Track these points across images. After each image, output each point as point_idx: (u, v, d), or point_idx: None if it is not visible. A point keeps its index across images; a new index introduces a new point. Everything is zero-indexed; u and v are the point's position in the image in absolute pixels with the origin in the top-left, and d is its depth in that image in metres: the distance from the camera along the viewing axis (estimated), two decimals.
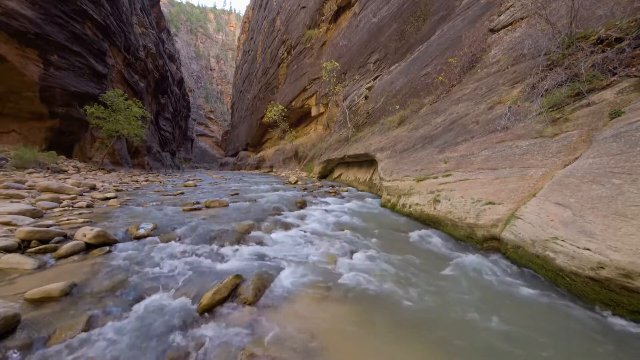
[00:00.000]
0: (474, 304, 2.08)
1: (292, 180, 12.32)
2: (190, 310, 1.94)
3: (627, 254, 1.83)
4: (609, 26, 4.39)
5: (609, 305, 1.91)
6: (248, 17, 58.15)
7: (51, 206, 4.74)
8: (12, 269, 2.41)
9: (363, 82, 17.21)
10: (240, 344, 1.62)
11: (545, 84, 4.57)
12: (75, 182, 7.51)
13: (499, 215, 3.11)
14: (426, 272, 2.62)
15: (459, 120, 6.33)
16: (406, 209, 4.91)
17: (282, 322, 1.84)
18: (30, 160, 11.40)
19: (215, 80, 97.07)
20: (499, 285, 2.38)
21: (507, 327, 1.80)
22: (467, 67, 8.25)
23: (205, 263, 2.74)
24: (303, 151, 23.07)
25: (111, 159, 19.06)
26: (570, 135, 3.50)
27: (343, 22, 22.66)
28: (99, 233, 3.05)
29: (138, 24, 26.57)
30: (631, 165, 2.37)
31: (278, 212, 5.14)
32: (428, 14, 13.16)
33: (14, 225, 3.34)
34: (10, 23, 12.34)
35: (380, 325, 1.84)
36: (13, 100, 14.05)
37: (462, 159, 4.87)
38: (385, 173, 6.96)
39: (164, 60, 33.23)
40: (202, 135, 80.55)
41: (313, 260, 2.87)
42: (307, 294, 2.23)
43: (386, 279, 2.45)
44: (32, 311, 1.82)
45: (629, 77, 3.61)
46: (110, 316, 1.84)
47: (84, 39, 15.94)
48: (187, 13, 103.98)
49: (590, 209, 2.29)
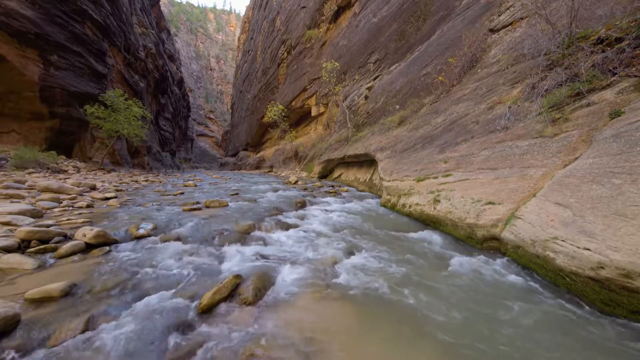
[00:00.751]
0: (473, 304, 2.08)
1: (292, 180, 12.31)
2: (190, 310, 1.94)
3: (627, 254, 1.83)
4: (609, 26, 4.38)
5: (608, 305, 1.91)
6: (248, 17, 58.15)
7: (51, 206, 4.74)
8: (12, 269, 2.41)
9: (363, 82, 17.21)
10: (240, 344, 1.62)
11: (545, 84, 4.57)
12: (75, 182, 7.51)
13: (499, 215, 3.11)
14: (426, 272, 2.62)
15: (459, 120, 6.33)
16: (406, 209, 4.91)
17: (282, 322, 1.84)
18: (30, 160, 11.39)
19: (215, 80, 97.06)
20: (499, 285, 2.37)
21: (507, 327, 1.80)
22: (467, 67, 8.25)
23: (206, 263, 2.74)
24: (303, 151, 23.07)
25: (111, 159, 19.05)
26: (570, 135, 3.50)
27: (343, 22, 22.66)
28: (99, 233, 3.05)
29: (138, 24, 26.56)
30: (631, 165, 2.37)
31: (278, 212, 5.14)
32: (428, 14, 13.16)
33: (14, 225, 3.34)
34: (10, 23, 12.33)
35: (380, 325, 1.84)
36: (13, 100, 14.04)
37: (462, 159, 4.87)
38: (385, 173, 6.96)
39: (164, 60, 33.23)
40: (202, 135, 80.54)
41: (313, 260, 2.87)
42: (307, 294, 2.23)
43: (386, 279, 2.45)
44: (32, 311, 1.82)
45: (629, 77, 3.61)
46: (110, 316, 1.84)
47: (84, 39, 15.93)
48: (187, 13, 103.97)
49: (590, 209, 2.29)
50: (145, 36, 27.58)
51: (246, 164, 39.80)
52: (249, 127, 42.25)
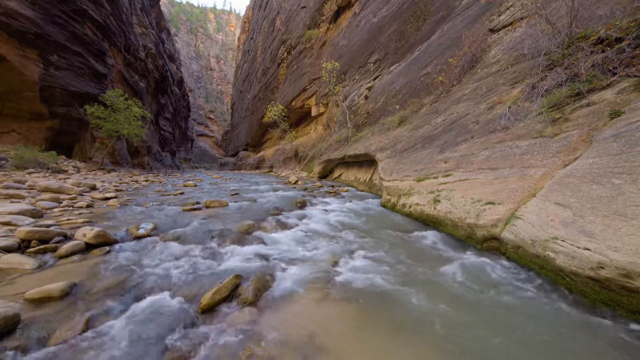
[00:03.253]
0: (473, 304, 2.08)
1: (292, 180, 12.31)
2: (190, 310, 1.94)
3: (627, 254, 1.83)
4: (609, 26, 4.38)
5: (609, 305, 1.91)
6: (248, 17, 58.14)
7: (51, 206, 4.74)
8: (12, 269, 2.41)
9: (363, 82, 17.21)
10: (240, 344, 1.62)
11: (545, 84, 4.57)
12: (75, 182, 7.51)
13: (499, 215, 3.11)
14: (426, 272, 2.62)
15: (459, 120, 6.33)
16: (406, 209, 4.91)
17: (282, 322, 1.84)
18: (30, 160, 11.40)
19: (215, 80, 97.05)
20: (498, 285, 2.37)
21: (507, 327, 1.80)
22: (467, 67, 8.24)
23: (205, 263, 2.74)
24: (303, 151, 23.07)
25: (111, 159, 19.05)
26: (570, 135, 3.50)
27: (343, 22, 22.65)
28: (99, 233, 3.05)
29: (138, 24, 26.56)
30: (631, 165, 2.37)
31: (278, 212, 5.14)
32: (428, 14, 13.16)
33: (14, 225, 3.34)
34: (10, 23, 12.33)
35: (380, 325, 1.84)
36: (13, 100, 14.04)
37: (462, 159, 4.87)
38: (385, 173, 6.96)
39: (164, 60, 33.22)
40: (202, 135, 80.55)
41: (313, 260, 2.86)
42: (307, 294, 2.23)
43: (386, 279, 2.45)
44: (32, 311, 1.82)
45: (629, 77, 3.61)
46: (110, 316, 1.84)
47: (84, 39, 15.93)
48: (187, 13, 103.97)
49: (590, 209, 2.29)
50: (145, 36, 27.57)
51: (246, 164, 39.80)
52: (249, 127, 42.25)
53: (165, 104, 35.83)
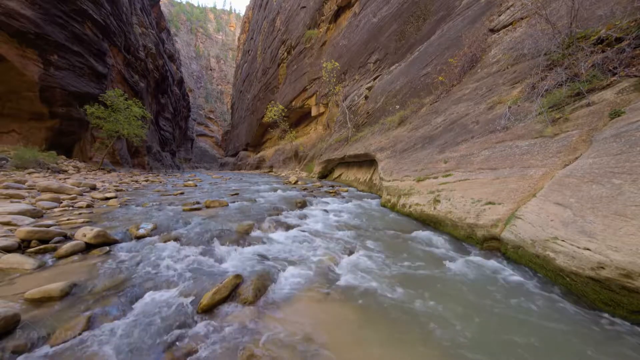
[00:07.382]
0: (473, 304, 2.08)
1: (292, 180, 12.31)
2: (190, 310, 1.93)
3: (627, 254, 1.83)
4: (609, 26, 4.38)
5: (609, 305, 1.91)
6: (248, 17, 58.14)
7: (51, 206, 4.73)
8: (12, 268, 2.40)
9: (363, 82, 17.21)
10: (240, 344, 1.62)
11: (545, 84, 4.57)
12: (75, 182, 7.50)
13: (499, 215, 3.11)
14: (426, 272, 2.62)
15: (459, 120, 6.33)
16: (406, 209, 4.90)
17: (282, 322, 1.84)
18: (30, 160, 11.39)
19: (215, 80, 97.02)
20: (498, 285, 2.37)
21: (507, 328, 1.79)
22: (467, 67, 8.25)
23: (206, 263, 2.74)
24: (303, 151, 23.08)
25: (111, 159, 19.06)
26: (570, 135, 3.50)
27: (343, 22, 22.66)
28: (99, 233, 3.05)
29: (138, 24, 26.56)
30: (631, 165, 2.37)
31: (278, 212, 5.14)
32: (428, 14, 13.16)
33: (14, 225, 3.33)
34: (10, 23, 12.33)
35: (380, 325, 1.84)
36: (13, 100, 14.04)
37: (462, 159, 4.87)
38: (385, 173, 6.96)
39: (164, 60, 33.23)
40: (202, 135, 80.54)
41: (313, 260, 2.86)
42: (307, 294, 2.23)
43: (386, 279, 2.45)
44: (32, 311, 1.82)
45: (629, 77, 3.61)
46: (110, 316, 1.84)
47: (84, 38, 15.93)
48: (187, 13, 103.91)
49: (591, 209, 2.29)
50: (145, 36, 27.58)
51: (246, 164, 39.79)
52: (249, 127, 42.26)
53: (165, 104, 35.83)
